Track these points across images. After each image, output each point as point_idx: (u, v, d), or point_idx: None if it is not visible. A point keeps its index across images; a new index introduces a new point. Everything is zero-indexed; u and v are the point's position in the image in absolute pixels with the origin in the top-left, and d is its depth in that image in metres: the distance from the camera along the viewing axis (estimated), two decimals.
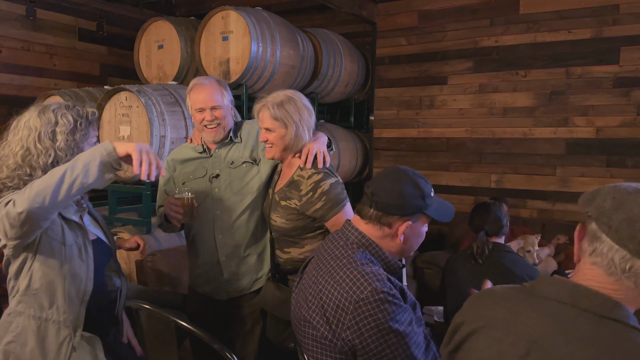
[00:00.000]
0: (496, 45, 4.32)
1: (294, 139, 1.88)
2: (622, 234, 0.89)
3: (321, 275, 1.41)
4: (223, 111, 2.09)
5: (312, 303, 1.39)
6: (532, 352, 0.91)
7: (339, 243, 1.44)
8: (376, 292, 1.27)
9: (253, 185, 2.10)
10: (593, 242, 0.94)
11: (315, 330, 1.36)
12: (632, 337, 0.86)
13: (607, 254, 0.91)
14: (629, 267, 0.89)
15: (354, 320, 1.27)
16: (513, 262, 2.33)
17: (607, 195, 0.94)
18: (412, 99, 4.74)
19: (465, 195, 4.52)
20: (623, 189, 0.94)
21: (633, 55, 3.83)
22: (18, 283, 1.50)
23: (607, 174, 3.96)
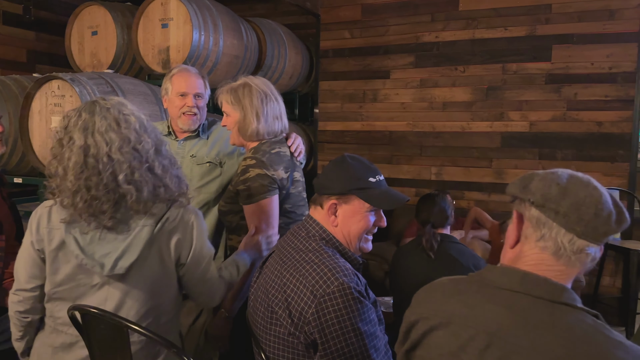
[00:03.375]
0: (436, 41, 4.43)
1: (244, 123, 1.88)
2: (571, 218, 0.94)
3: (285, 268, 1.38)
4: (203, 101, 2.12)
5: (275, 297, 1.36)
6: (492, 344, 0.93)
7: (300, 234, 1.44)
8: (343, 287, 1.26)
9: (212, 186, 2.08)
10: (540, 228, 0.98)
11: (277, 326, 1.34)
12: (583, 319, 0.91)
13: (556, 238, 0.96)
14: (576, 248, 0.95)
15: (317, 315, 1.26)
16: (459, 252, 2.40)
17: (549, 182, 0.98)
18: (355, 92, 4.77)
19: (407, 188, 4.61)
20: (560, 175, 0.99)
21: (563, 53, 4.04)
22: None
23: (539, 166, 4.16)
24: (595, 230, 0.94)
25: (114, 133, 1.33)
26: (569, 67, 4.03)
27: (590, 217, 0.94)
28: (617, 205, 0.97)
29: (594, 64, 3.96)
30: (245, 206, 1.84)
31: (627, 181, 3.94)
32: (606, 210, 0.94)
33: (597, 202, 0.94)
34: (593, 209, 0.93)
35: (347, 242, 1.42)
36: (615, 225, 0.95)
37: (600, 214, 0.94)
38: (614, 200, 0.98)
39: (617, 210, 0.96)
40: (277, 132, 1.95)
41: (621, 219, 0.96)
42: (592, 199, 0.94)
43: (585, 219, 0.93)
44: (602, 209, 0.94)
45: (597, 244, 0.96)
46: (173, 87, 2.09)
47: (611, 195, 1.00)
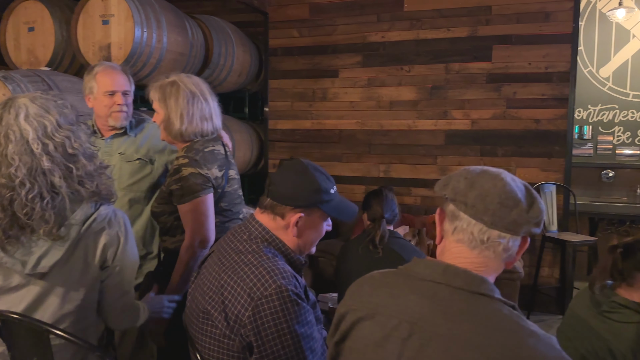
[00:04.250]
0: (383, 41, 4.50)
1: (167, 123, 1.86)
2: (478, 208, 0.98)
3: (223, 270, 1.36)
4: (131, 98, 2.08)
5: (212, 299, 1.35)
6: (414, 333, 0.96)
7: (242, 237, 1.41)
8: (280, 290, 1.25)
9: (143, 184, 2.04)
10: (453, 221, 1.03)
11: (213, 327, 1.32)
12: (500, 309, 0.95)
13: (467, 229, 1.00)
14: (486, 238, 0.99)
15: (254, 318, 1.25)
16: (401, 247, 2.45)
17: (460, 177, 1.04)
18: (305, 91, 4.79)
19: (357, 185, 4.67)
20: (472, 170, 1.04)
21: (503, 53, 4.20)
22: None
23: (481, 163, 4.31)
24: (502, 219, 0.98)
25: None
26: (508, 67, 4.19)
27: (495, 206, 0.97)
28: (529, 196, 1.01)
29: (532, 63, 4.13)
30: (180, 206, 1.81)
31: (563, 176, 4.13)
32: (511, 200, 0.98)
33: (501, 193, 0.98)
34: (497, 198, 0.97)
35: (299, 250, 1.42)
36: (526, 214, 0.99)
37: (505, 203, 0.97)
38: (527, 192, 1.02)
39: (528, 202, 1.00)
40: (206, 133, 1.91)
41: (532, 209, 0.99)
42: (496, 189, 0.98)
43: (491, 209, 0.97)
44: (506, 199, 0.97)
45: (510, 234, 0.99)
46: (99, 86, 2.03)
47: (526, 187, 1.04)
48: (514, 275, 3.54)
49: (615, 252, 1.62)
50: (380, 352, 0.99)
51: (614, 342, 1.54)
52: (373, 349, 1.01)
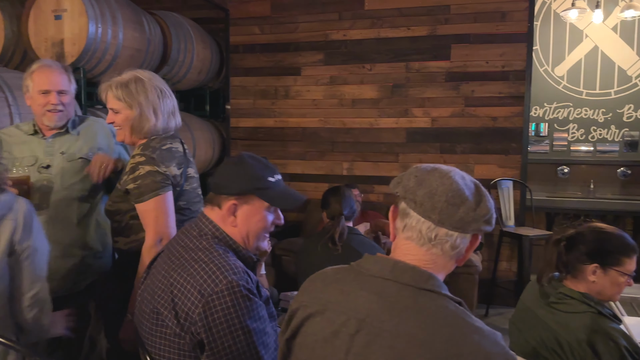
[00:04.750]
0: (344, 39, 4.52)
1: (139, 121, 1.82)
2: (426, 206, 0.99)
3: (173, 268, 1.35)
4: (69, 97, 2.02)
5: (162, 297, 1.33)
6: (361, 329, 0.96)
7: (192, 234, 1.40)
8: (232, 285, 1.25)
9: (86, 184, 1.98)
10: (404, 218, 1.04)
11: (163, 327, 1.30)
12: (446, 304, 0.96)
13: (416, 226, 1.01)
14: (434, 235, 1.00)
15: (204, 314, 1.24)
16: (360, 244, 2.48)
17: (410, 175, 1.05)
18: (267, 88, 4.76)
19: (320, 183, 4.68)
20: (423, 168, 1.05)
21: (461, 52, 4.28)
22: None
23: (441, 160, 4.39)
24: (450, 217, 0.99)
25: None
26: (467, 66, 4.28)
27: (442, 204, 0.98)
28: (477, 194, 1.02)
29: (489, 62, 4.22)
30: (139, 205, 1.78)
31: (519, 172, 4.25)
32: (458, 198, 0.99)
33: (449, 191, 0.99)
34: (444, 197, 0.98)
35: (244, 242, 1.41)
36: (473, 212, 1.00)
37: (452, 201, 0.98)
38: (476, 190, 1.03)
39: (476, 200, 1.01)
40: (172, 129, 1.90)
41: (479, 207, 1.00)
42: (443, 187, 0.99)
43: (439, 207, 0.98)
44: (453, 197, 0.98)
45: (458, 231, 1.00)
46: (34, 85, 1.98)
47: (476, 185, 1.05)
48: (472, 269, 3.62)
49: (559, 245, 1.67)
50: (328, 348, 1.00)
51: (561, 332, 1.59)
52: (322, 345, 1.01)
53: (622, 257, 1.61)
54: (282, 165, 4.75)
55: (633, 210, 4.98)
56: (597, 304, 1.59)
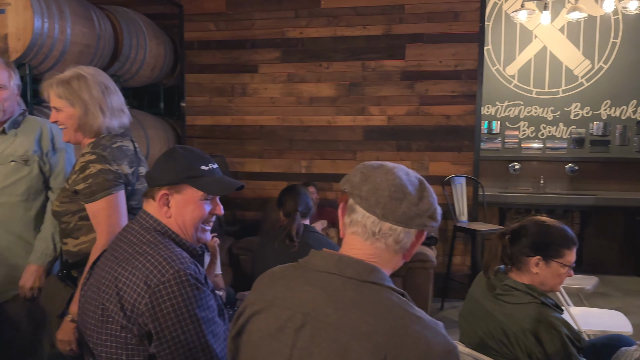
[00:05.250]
0: (301, 37, 4.52)
1: (85, 119, 1.77)
2: (370, 201, 1.01)
3: (117, 263, 1.34)
4: (7, 93, 1.94)
5: (106, 292, 1.31)
6: (306, 323, 0.98)
7: (134, 229, 1.40)
8: (178, 274, 1.26)
9: (18, 187, 1.91)
10: (350, 214, 1.06)
11: (109, 323, 1.29)
12: (389, 296, 0.98)
13: (361, 221, 1.03)
14: (378, 229, 1.02)
15: (151, 305, 1.23)
16: (315, 241, 2.49)
17: (357, 171, 1.07)
18: (224, 86, 4.71)
19: (279, 181, 4.66)
20: (369, 165, 1.07)
21: (416, 51, 4.35)
22: None
23: (397, 157, 4.45)
24: (393, 212, 1.01)
25: None
26: (421, 65, 4.35)
27: (385, 199, 1.00)
28: (420, 190, 1.04)
29: (442, 61, 4.31)
30: (89, 205, 1.73)
31: (472, 169, 4.36)
32: (401, 193, 1.01)
33: (391, 186, 1.01)
34: (387, 192, 1.00)
35: (183, 233, 1.42)
36: (415, 207, 1.02)
37: (394, 196, 1.00)
38: (420, 186, 1.05)
39: (419, 195, 1.03)
40: (124, 125, 1.86)
41: (421, 202, 1.03)
42: (387, 183, 1.01)
43: (382, 202, 1.00)
44: (395, 192, 1.00)
45: (401, 226, 1.02)
46: None
47: (420, 182, 1.06)
48: (428, 264, 3.69)
49: (504, 239, 1.73)
50: (274, 343, 1.00)
51: (507, 322, 1.65)
52: (267, 341, 1.02)
53: (562, 249, 1.68)
54: (240, 164, 4.71)
55: (580, 204, 5.21)
56: (540, 295, 1.65)
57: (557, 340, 1.57)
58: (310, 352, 0.95)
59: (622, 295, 4.60)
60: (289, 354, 0.97)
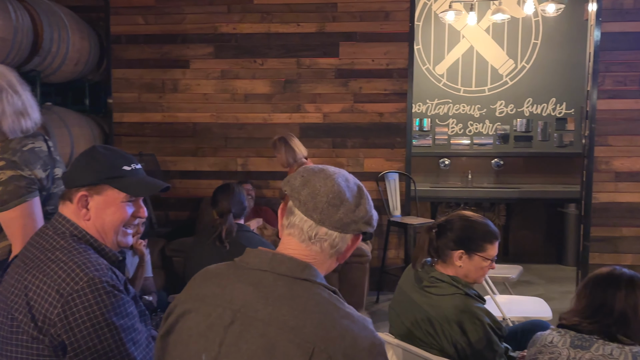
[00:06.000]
0: (234, 33, 4.46)
1: None
2: (308, 206, 1.02)
3: (27, 270, 1.26)
4: None
5: (16, 302, 1.24)
6: (236, 320, 0.98)
7: (47, 234, 1.33)
8: (93, 282, 1.20)
9: None
10: (289, 216, 1.07)
11: (19, 334, 1.22)
12: (319, 292, 0.99)
13: (299, 224, 1.04)
14: (314, 234, 1.03)
15: (64, 315, 1.18)
16: (248, 240, 2.46)
17: (297, 175, 1.08)
18: (154, 81, 4.56)
19: (214, 180, 4.58)
20: (310, 169, 1.09)
21: (349, 49, 4.41)
22: None
23: (333, 154, 4.50)
24: (330, 217, 1.02)
25: None
26: (354, 63, 4.42)
27: (323, 205, 1.02)
28: (358, 197, 1.05)
29: (374, 60, 4.40)
30: (2, 213, 1.64)
31: (404, 165, 4.48)
32: (338, 200, 1.02)
33: (330, 192, 1.02)
34: (325, 198, 1.02)
35: (102, 237, 1.36)
36: (352, 214, 1.03)
37: (332, 202, 1.02)
38: (358, 193, 1.06)
39: (356, 202, 1.04)
40: (25, 130, 1.74)
41: (358, 209, 1.04)
42: (325, 188, 1.02)
43: (320, 207, 1.02)
44: (333, 198, 1.02)
45: (338, 231, 1.03)
46: None
47: (359, 189, 1.07)
48: (363, 259, 3.76)
49: (431, 232, 1.79)
50: (202, 341, 1.00)
51: (433, 313, 1.71)
52: (196, 339, 1.01)
53: (484, 243, 1.76)
54: (172, 163, 4.58)
55: (506, 197, 5.49)
56: (464, 286, 1.73)
57: (479, 329, 1.64)
58: (239, 347, 0.95)
59: (544, 282, 4.89)
60: (217, 351, 0.97)
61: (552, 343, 1.46)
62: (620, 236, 4.26)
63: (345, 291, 3.88)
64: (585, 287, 1.53)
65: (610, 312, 1.44)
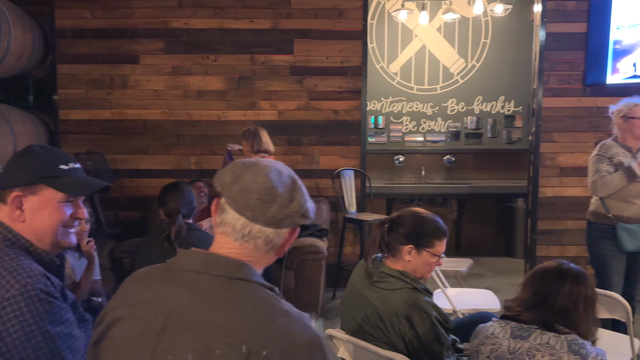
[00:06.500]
0: (186, 28, 4.37)
1: None
2: (240, 203, 0.99)
3: None
4: None
5: None
6: (169, 325, 0.94)
7: None
8: (26, 289, 1.15)
9: None
10: (221, 213, 1.03)
11: None
12: (256, 291, 0.97)
13: (231, 222, 1.01)
14: (248, 231, 1.00)
15: None
16: (199, 239, 2.41)
17: (228, 170, 1.04)
18: (102, 77, 4.42)
19: (167, 179, 4.42)
20: (241, 164, 1.05)
21: (303, 47, 4.40)
22: None
23: (289, 152, 4.49)
24: (262, 214, 0.99)
25: None
26: (309, 60, 4.41)
27: (255, 202, 0.99)
28: (292, 191, 1.03)
29: (329, 58, 4.41)
30: None
31: (359, 162, 4.52)
32: (270, 196, 0.99)
33: (261, 188, 0.99)
34: (257, 194, 0.99)
35: (39, 240, 1.30)
36: (285, 209, 1.01)
37: (264, 199, 0.99)
38: (292, 186, 1.03)
39: (289, 197, 1.02)
40: None
41: (292, 204, 1.02)
42: (256, 185, 0.99)
43: (252, 204, 0.99)
44: (264, 194, 0.99)
45: (272, 227, 1.01)
46: None
47: (293, 182, 1.05)
48: (319, 256, 3.77)
49: (383, 227, 1.81)
50: (134, 348, 0.96)
51: (382, 307, 1.73)
52: (128, 346, 0.98)
53: (433, 239, 1.79)
54: (122, 161, 4.45)
55: (457, 192, 5.64)
56: (412, 281, 1.76)
57: (427, 322, 1.67)
58: (172, 353, 0.92)
59: (494, 275, 5.05)
60: (149, 357, 0.94)
61: (493, 334, 1.51)
62: (564, 229, 4.45)
63: (301, 288, 3.89)
64: (533, 278, 1.58)
65: (552, 305, 1.49)
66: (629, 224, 2.87)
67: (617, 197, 2.89)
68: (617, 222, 2.88)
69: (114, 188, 4.46)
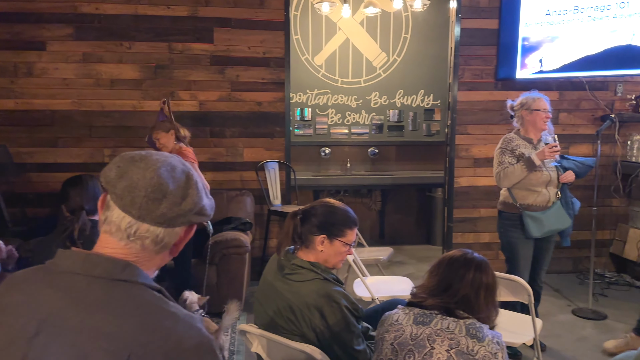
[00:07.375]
0: (97, 13, 4.13)
1: None
2: (126, 201, 0.93)
3: None
4: None
5: None
6: (42, 330, 0.87)
7: None
8: None
9: None
10: (105, 211, 0.96)
11: None
12: (140, 293, 0.91)
13: (116, 221, 0.94)
14: (134, 231, 0.94)
15: None
16: None
17: (113, 164, 0.97)
18: (5, 65, 4.09)
19: (79, 172, 4.16)
20: (129, 157, 0.98)
21: (224, 36, 4.29)
22: None
23: (211, 144, 4.38)
24: (150, 213, 0.93)
25: None
26: (230, 50, 4.31)
27: (142, 200, 0.93)
28: (185, 188, 0.97)
29: (251, 48, 4.33)
30: None
31: (284, 154, 4.49)
32: (159, 193, 0.93)
33: (149, 185, 0.93)
34: (144, 191, 0.92)
35: None
36: (177, 207, 0.95)
37: (152, 196, 0.93)
38: (186, 183, 0.97)
39: (182, 194, 0.96)
40: None
41: (185, 202, 0.96)
42: (144, 181, 0.93)
43: (138, 202, 0.92)
44: (153, 192, 0.93)
45: (162, 227, 0.95)
46: None
47: (188, 178, 0.98)
48: (242, 250, 3.71)
49: (296, 218, 1.80)
50: (3, 357, 0.89)
51: (293, 299, 1.72)
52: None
53: (345, 229, 1.81)
54: (28, 154, 4.15)
55: (381, 183, 5.76)
56: (323, 271, 1.76)
57: (337, 312, 1.68)
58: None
59: (415, 262, 5.22)
60: None
61: (397, 321, 1.54)
62: (478, 217, 4.68)
63: (223, 283, 3.81)
64: (439, 266, 1.63)
65: (455, 292, 1.54)
66: (533, 211, 3.05)
67: (521, 187, 3.07)
68: (523, 210, 3.05)
69: (20, 184, 4.16)
